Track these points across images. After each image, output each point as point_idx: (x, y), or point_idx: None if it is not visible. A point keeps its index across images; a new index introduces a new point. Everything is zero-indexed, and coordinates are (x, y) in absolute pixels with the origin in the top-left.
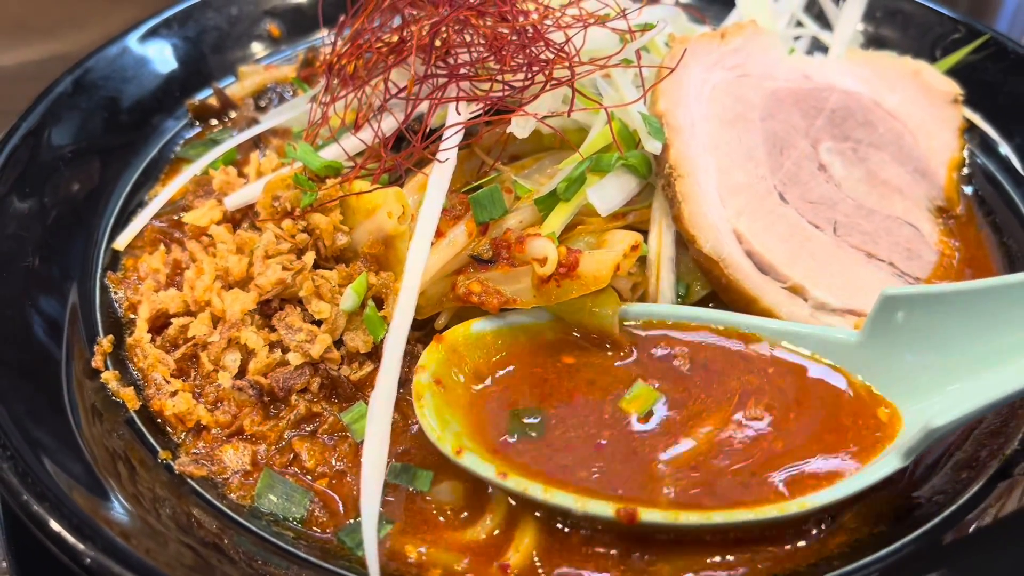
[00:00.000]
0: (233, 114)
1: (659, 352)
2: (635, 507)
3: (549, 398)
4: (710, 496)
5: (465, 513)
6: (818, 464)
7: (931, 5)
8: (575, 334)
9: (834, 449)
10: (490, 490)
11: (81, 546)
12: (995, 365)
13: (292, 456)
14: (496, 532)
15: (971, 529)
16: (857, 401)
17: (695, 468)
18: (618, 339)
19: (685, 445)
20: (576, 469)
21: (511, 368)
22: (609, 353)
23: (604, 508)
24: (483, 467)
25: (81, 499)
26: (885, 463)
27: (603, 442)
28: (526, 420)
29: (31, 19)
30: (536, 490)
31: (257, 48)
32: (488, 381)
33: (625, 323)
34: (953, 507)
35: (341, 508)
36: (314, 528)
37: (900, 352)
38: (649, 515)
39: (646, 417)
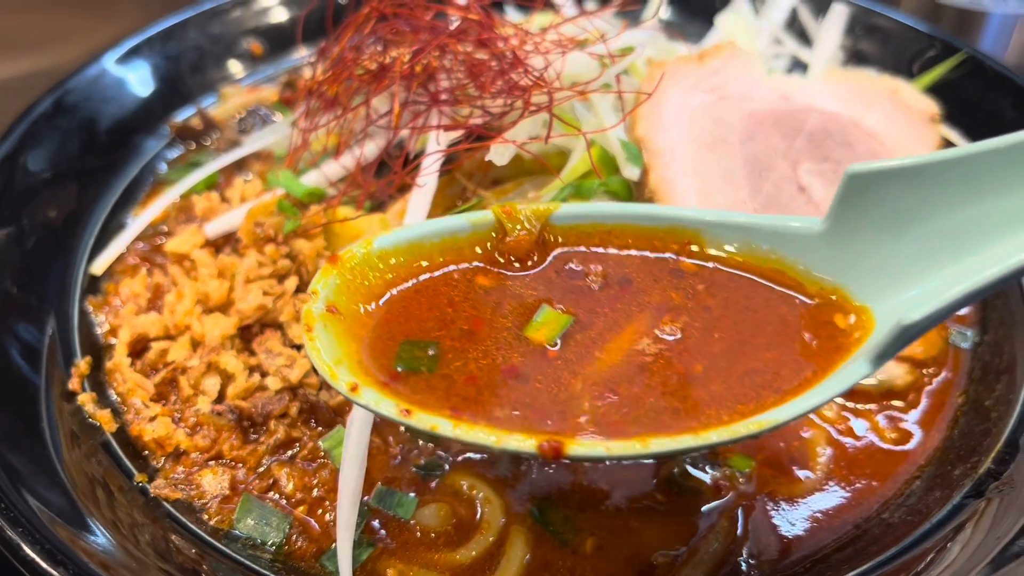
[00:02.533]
0: (215, 136)
1: (575, 267)
2: (560, 440)
3: (450, 325)
4: (641, 423)
5: (451, 535)
6: (769, 380)
7: (909, 22)
8: (495, 246)
9: (788, 363)
10: (479, 514)
11: (55, 573)
12: (981, 248)
13: (271, 481)
14: (482, 554)
15: (942, 549)
16: (816, 309)
17: (616, 394)
18: (530, 246)
19: (604, 370)
20: (484, 403)
21: (413, 291)
22: (526, 271)
23: (524, 443)
24: (383, 405)
25: (56, 525)
26: (852, 370)
27: (511, 372)
28: (418, 352)
29: (16, 34)
30: (446, 427)
31: (239, 67)
32: (385, 305)
33: (553, 228)
34: (926, 526)
35: (322, 533)
36: (294, 554)
37: (871, 241)
38: (576, 448)
39: (555, 345)
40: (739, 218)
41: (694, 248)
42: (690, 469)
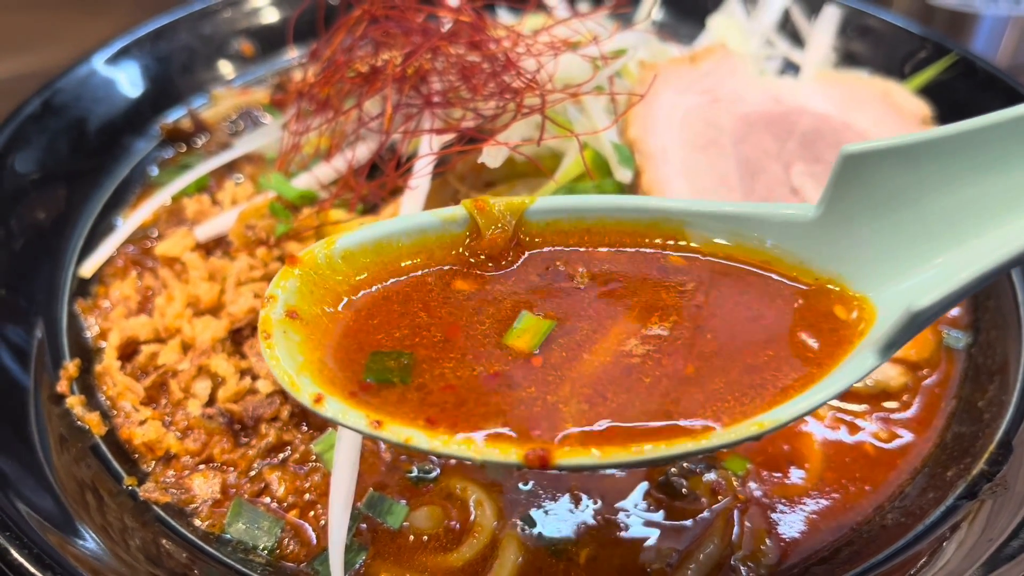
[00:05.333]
0: (205, 138)
1: (557, 267)
2: (547, 449)
3: (424, 333)
4: (633, 429)
5: (443, 538)
6: (769, 378)
7: (901, 23)
8: (469, 247)
9: (789, 359)
10: (472, 515)
11: None
12: (984, 230)
13: (263, 485)
14: (475, 557)
15: (936, 550)
16: (814, 301)
17: (606, 399)
18: (506, 245)
19: (591, 375)
20: (463, 413)
21: (382, 296)
22: (502, 270)
23: (508, 453)
24: (351, 417)
25: (44, 529)
26: (858, 363)
27: (492, 381)
28: (390, 363)
29: (5, 34)
30: (421, 440)
31: (230, 68)
32: (352, 310)
33: (529, 225)
34: (920, 527)
35: (313, 537)
36: (285, 557)
37: (867, 226)
38: (566, 457)
39: (537, 352)
40: (727, 207)
41: (680, 242)
42: (686, 470)
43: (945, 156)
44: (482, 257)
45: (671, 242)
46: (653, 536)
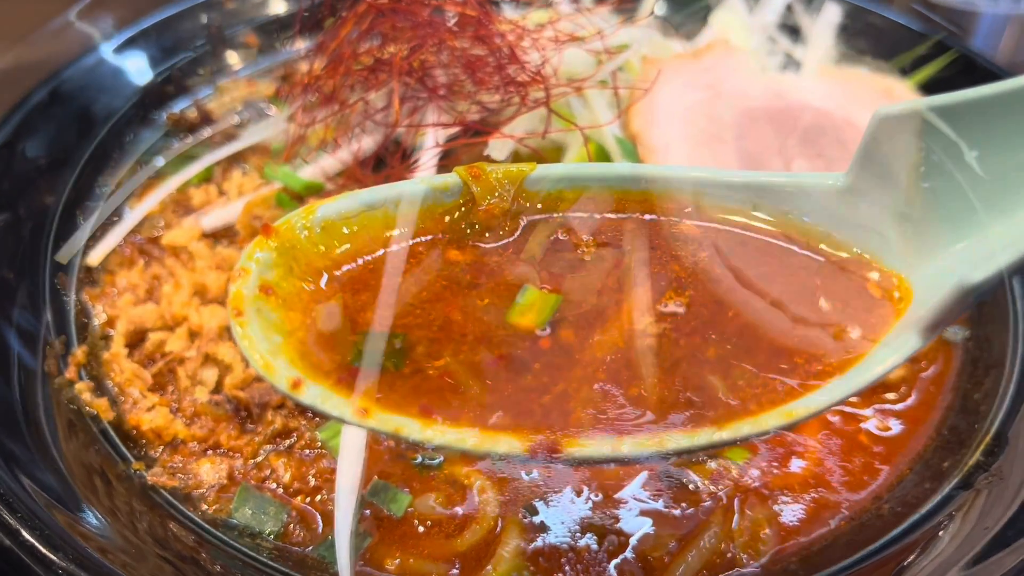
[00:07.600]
0: (211, 128)
1: (559, 237)
2: (555, 439)
3: (416, 310)
4: (652, 420)
5: (447, 524)
6: (800, 361)
7: (902, 21)
8: (463, 217)
9: (820, 341)
10: (476, 500)
11: (53, 557)
12: None
13: (269, 471)
14: (477, 542)
15: (932, 539)
16: (843, 277)
17: (619, 384)
18: (503, 216)
19: (601, 357)
20: (462, 400)
21: (369, 269)
22: (500, 244)
23: (512, 445)
24: (334, 404)
25: (54, 511)
26: (899, 344)
27: (495, 364)
28: (381, 344)
29: (3, 25)
30: (413, 429)
31: (235, 59)
32: (335, 285)
33: (529, 195)
34: (915, 516)
35: (319, 523)
36: (291, 543)
37: (902, 195)
38: (576, 448)
39: (545, 330)
40: (746, 176)
41: (695, 215)
42: (687, 458)
43: (988, 118)
44: (477, 227)
45: (686, 212)
46: (653, 524)
